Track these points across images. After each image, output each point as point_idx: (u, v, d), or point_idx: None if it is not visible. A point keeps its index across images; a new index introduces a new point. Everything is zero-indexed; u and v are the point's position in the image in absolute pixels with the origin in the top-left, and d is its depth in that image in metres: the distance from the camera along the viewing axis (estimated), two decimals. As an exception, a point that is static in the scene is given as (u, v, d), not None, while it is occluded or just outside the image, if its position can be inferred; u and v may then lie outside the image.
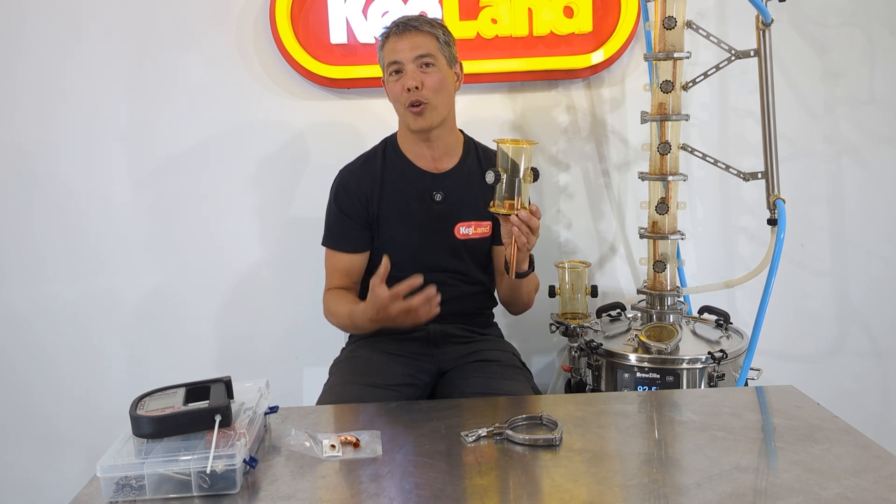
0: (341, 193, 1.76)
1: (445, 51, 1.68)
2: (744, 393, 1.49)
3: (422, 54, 1.63)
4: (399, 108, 1.69)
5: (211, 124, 2.25)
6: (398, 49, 1.64)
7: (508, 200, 1.45)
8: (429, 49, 1.65)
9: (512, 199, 1.45)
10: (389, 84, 1.68)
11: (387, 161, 1.77)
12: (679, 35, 1.83)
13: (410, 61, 1.63)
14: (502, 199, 1.45)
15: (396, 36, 1.65)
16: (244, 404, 1.22)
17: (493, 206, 1.48)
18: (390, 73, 1.67)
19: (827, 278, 2.36)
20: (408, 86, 1.63)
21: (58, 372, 2.34)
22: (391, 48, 1.66)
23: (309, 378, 2.34)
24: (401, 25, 1.66)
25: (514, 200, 1.45)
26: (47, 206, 2.27)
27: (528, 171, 1.45)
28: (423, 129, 1.68)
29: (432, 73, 1.64)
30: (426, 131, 1.69)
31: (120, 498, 1.06)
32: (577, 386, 1.93)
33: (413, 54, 1.63)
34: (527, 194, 1.47)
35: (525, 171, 1.44)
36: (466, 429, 1.23)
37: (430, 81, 1.64)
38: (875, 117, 2.28)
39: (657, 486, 1.05)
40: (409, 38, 1.64)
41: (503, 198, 1.45)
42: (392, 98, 1.69)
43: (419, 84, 1.63)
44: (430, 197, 1.74)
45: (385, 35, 1.69)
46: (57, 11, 2.18)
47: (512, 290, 1.76)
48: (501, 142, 1.45)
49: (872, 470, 1.07)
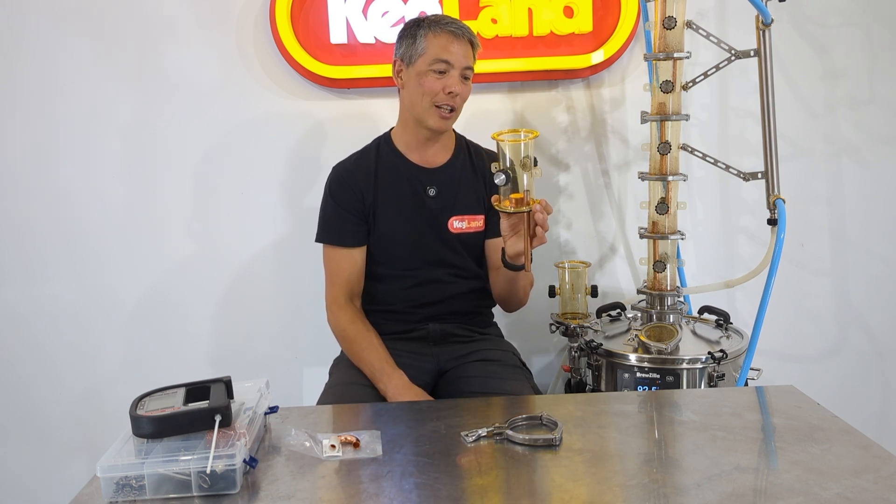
0: (336, 187, 1.76)
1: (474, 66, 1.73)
2: (744, 393, 1.49)
3: (468, 66, 1.68)
4: (424, 103, 1.67)
5: (211, 124, 2.25)
6: (454, 51, 1.65)
7: (516, 195, 1.40)
8: (472, 63, 1.69)
9: (520, 194, 1.39)
10: (426, 77, 1.65)
11: (381, 157, 1.77)
12: (679, 35, 1.83)
13: (460, 68, 1.66)
14: (507, 195, 1.41)
15: (455, 37, 1.65)
16: (244, 404, 1.22)
17: (499, 203, 1.41)
18: (431, 69, 1.65)
19: (827, 278, 2.36)
20: (451, 89, 1.65)
21: (57, 372, 2.34)
22: (444, 45, 1.64)
23: (309, 378, 2.34)
24: (463, 30, 1.67)
25: (522, 195, 1.39)
26: (47, 205, 2.27)
27: (529, 160, 1.40)
28: (442, 130, 1.71)
29: (467, 86, 1.70)
30: (440, 132, 1.73)
31: (120, 498, 1.06)
32: (577, 386, 1.93)
33: (464, 63, 1.66)
34: (533, 185, 1.42)
35: (528, 162, 1.40)
36: (466, 429, 1.23)
37: (465, 93, 1.69)
38: (875, 117, 2.28)
39: (657, 486, 1.05)
40: (465, 46, 1.67)
41: (508, 193, 1.40)
42: (420, 90, 1.66)
43: (460, 91, 1.66)
44: (423, 192, 1.75)
45: (435, 26, 1.66)
46: (57, 11, 2.18)
47: (509, 285, 1.73)
48: (500, 138, 1.40)
49: (872, 470, 1.07)
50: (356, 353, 1.70)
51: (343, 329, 1.72)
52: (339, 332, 1.74)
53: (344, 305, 1.74)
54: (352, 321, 1.72)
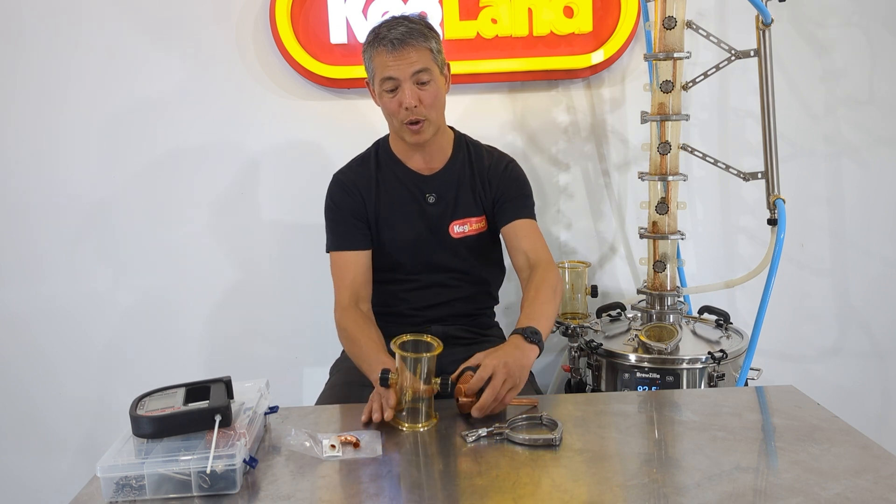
0: (339, 194, 1.75)
1: (437, 59, 1.62)
2: (744, 393, 1.49)
3: (418, 70, 1.57)
4: (394, 123, 1.64)
5: (211, 124, 2.25)
6: (392, 66, 1.56)
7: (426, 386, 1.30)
8: (424, 64, 1.57)
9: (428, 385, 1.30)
10: (383, 98, 1.61)
11: (380, 164, 1.76)
12: (679, 35, 1.83)
13: (407, 79, 1.57)
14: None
15: (389, 51, 1.56)
16: (244, 404, 1.22)
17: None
18: (383, 90, 1.60)
19: (827, 278, 2.36)
20: (405, 105, 1.57)
21: (57, 372, 2.34)
22: (383, 63, 1.58)
23: (309, 378, 2.34)
24: (396, 40, 1.55)
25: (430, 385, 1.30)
26: (46, 205, 2.27)
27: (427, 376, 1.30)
28: (419, 143, 1.66)
29: (429, 89, 1.59)
30: (422, 144, 1.68)
31: (120, 498, 1.06)
32: (577, 386, 1.93)
33: (410, 70, 1.56)
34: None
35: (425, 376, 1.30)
36: (466, 429, 1.23)
37: (428, 98, 1.59)
38: (875, 117, 2.28)
39: (657, 486, 1.05)
40: (405, 54, 1.56)
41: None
42: (386, 112, 1.64)
43: (417, 102, 1.58)
44: (423, 199, 1.73)
45: (374, 44, 1.58)
46: (57, 12, 2.18)
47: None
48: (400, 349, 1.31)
49: (872, 470, 1.07)
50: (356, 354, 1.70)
51: (345, 329, 1.72)
52: (342, 333, 1.73)
53: (347, 308, 1.72)
54: (354, 322, 1.70)
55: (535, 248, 1.69)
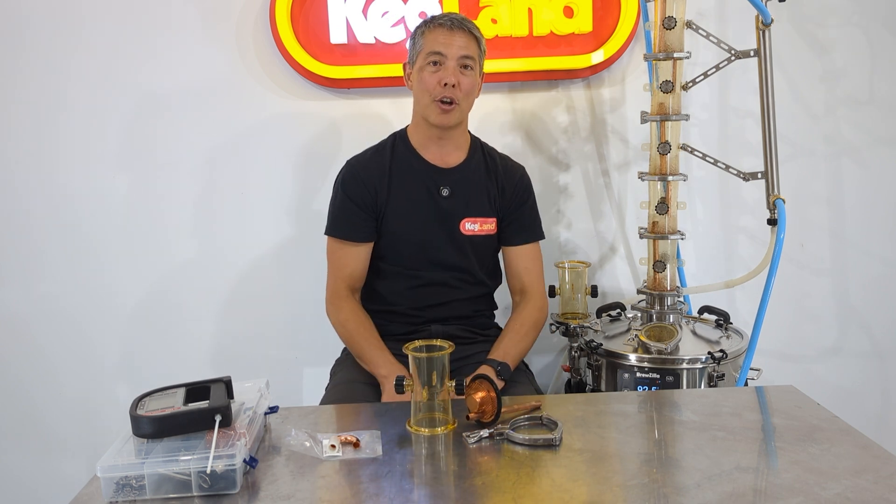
0: (350, 181, 1.75)
1: (481, 59, 1.71)
2: (744, 393, 1.49)
3: (466, 55, 1.65)
4: (424, 99, 1.67)
5: (211, 124, 2.24)
6: (446, 42, 1.63)
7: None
8: (472, 52, 1.66)
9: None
10: (424, 73, 1.66)
11: (396, 154, 1.77)
12: (679, 35, 1.83)
13: (454, 58, 1.64)
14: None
15: (447, 29, 1.64)
16: (244, 404, 1.22)
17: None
18: (427, 63, 1.65)
19: (827, 278, 2.36)
20: (446, 80, 1.63)
21: (57, 372, 2.34)
22: (436, 38, 1.64)
23: (309, 378, 2.34)
24: (455, 21, 1.65)
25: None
26: (47, 205, 2.27)
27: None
28: (444, 125, 1.69)
29: (469, 76, 1.66)
30: (445, 128, 1.70)
31: (120, 498, 1.06)
32: (577, 386, 1.93)
33: (459, 52, 1.64)
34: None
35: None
36: (467, 429, 1.23)
37: (466, 84, 1.66)
38: (875, 117, 2.27)
39: (657, 486, 1.05)
40: (460, 35, 1.64)
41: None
42: (420, 87, 1.67)
43: (456, 82, 1.63)
44: (437, 191, 1.74)
45: (430, 23, 1.67)
46: (57, 12, 2.18)
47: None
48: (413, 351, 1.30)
49: (872, 470, 1.08)
50: (355, 346, 1.70)
51: (344, 321, 1.73)
52: (339, 324, 1.74)
53: (345, 297, 1.74)
54: (353, 313, 1.73)
55: (531, 277, 1.81)
